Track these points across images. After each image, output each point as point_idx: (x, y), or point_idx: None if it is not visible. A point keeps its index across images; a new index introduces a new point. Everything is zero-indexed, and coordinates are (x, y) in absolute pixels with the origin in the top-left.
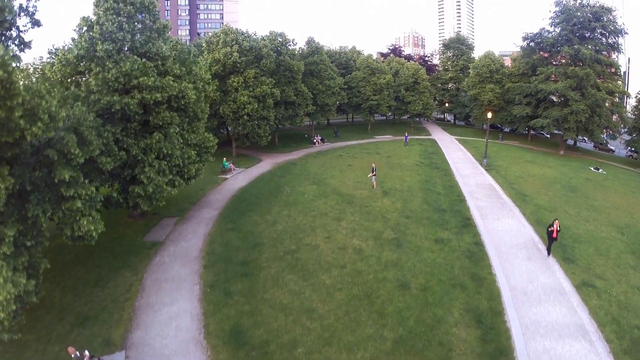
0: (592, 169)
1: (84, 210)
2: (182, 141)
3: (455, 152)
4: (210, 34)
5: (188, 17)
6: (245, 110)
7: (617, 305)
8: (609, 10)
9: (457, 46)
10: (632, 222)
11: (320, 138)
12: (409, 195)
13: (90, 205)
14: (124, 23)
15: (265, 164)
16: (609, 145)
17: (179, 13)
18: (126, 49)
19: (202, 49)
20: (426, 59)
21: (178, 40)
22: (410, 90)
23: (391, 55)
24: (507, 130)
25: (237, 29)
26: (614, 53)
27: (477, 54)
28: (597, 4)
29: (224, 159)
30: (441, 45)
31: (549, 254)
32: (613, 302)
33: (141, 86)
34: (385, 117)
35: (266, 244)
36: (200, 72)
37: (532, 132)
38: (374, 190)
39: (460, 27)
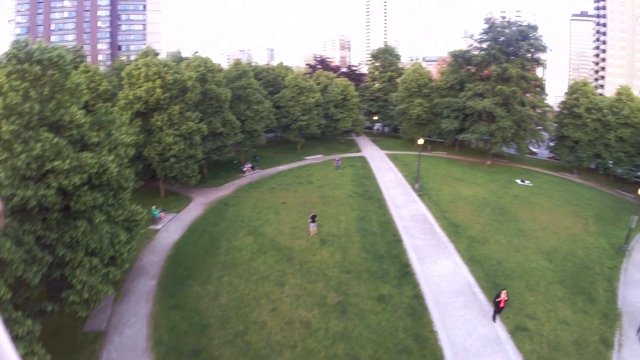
0: (519, 181)
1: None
2: (109, 222)
3: (386, 173)
4: (130, 66)
5: (109, 29)
6: (172, 151)
7: (548, 346)
8: (534, 28)
9: (385, 57)
10: (558, 244)
11: (250, 166)
12: (346, 241)
13: (30, 343)
14: (30, 90)
15: (196, 205)
16: (532, 149)
17: (99, 25)
18: (35, 120)
19: (122, 82)
20: (354, 68)
21: (96, 70)
22: (340, 107)
23: (319, 67)
24: (435, 139)
25: (159, 60)
26: (538, 67)
27: (404, 57)
28: (524, 23)
29: (153, 207)
30: (369, 55)
31: (494, 320)
32: (544, 344)
33: (56, 170)
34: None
35: (213, 324)
36: (120, 136)
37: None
38: (312, 237)
39: (387, 31)
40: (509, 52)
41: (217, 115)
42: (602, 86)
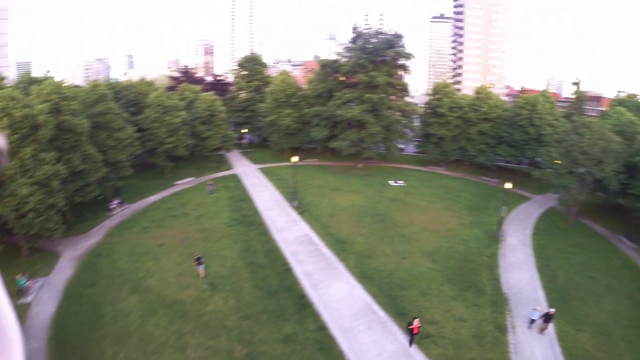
0: (392, 182)
1: None
2: None
3: (262, 192)
4: None
5: None
6: (28, 204)
7: (452, 346)
8: (399, 37)
9: (251, 65)
10: (439, 243)
11: (117, 202)
12: (236, 281)
13: None
14: None
15: (67, 262)
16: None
17: None
18: None
19: None
20: (219, 78)
21: None
22: (207, 123)
23: (183, 80)
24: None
25: (5, 93)
26: (403, 73)
27: (269, 60)
28: (391, 32)
29: (18, 276)
30: (235, 63)
31: (410, 345)
32: (449, 345)
33: None
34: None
35: None
36: None
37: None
38: (202, 284)
39: (252, 34)
40: (376, 61)
41: (75, 151)
42: (459, 82)
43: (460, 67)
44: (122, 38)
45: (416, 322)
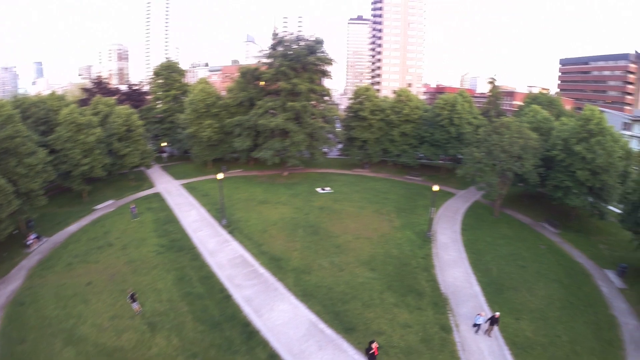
0: (320, 190)
1: None
2: None
3: (189, 211)
4: None
5: None
6: None
7: (403, 353)
8: (320, 43)
9: (168, 74)
10: (374, 250)
11: (34, 237)
12: (176, 316)
13: None
14: None
15: None
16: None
17: None
18: None
19: None
20: (135, 87)
21: None
22: (124, 139)
23: (97, 92)
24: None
25: None
26: (325, 78)
27: (186, 64)
28: (311, 37)
29: None
30: (150, 71)
31: None
32: (400, 354)
33: None
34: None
35: None
36: None
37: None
38: (139, 322)
39: (167, 37)
40: (298, 68)
41: None
42: (379, 82)
43: (379, 67)
44: (31, 43)
45: (374, 345)
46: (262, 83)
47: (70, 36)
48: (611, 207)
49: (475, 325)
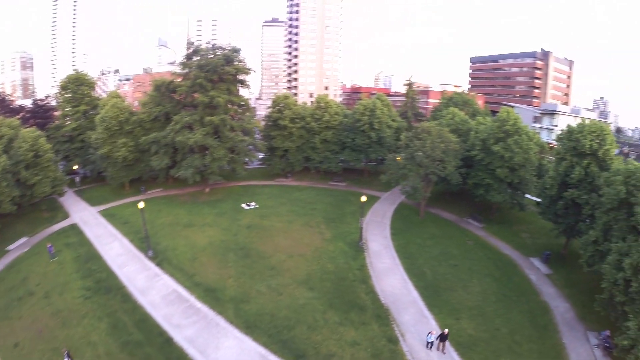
0: (245, 206)
1: None
2: None
3: (111, 244)
4: None
5: None
6: None
7: None
8: (237, 51)
9: (76, 87)
10: (309, 268)
11: None
12: None
13: None
14: None
15: None
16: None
17: None
18: None
19: None
20: (40, 103)
21: None
22: (33, 167)
23: None
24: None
25: None
26: (243, 88)
27: (94, 72)
28: (228, 46)
29: None
30: (57, 83)
31: None
32: None
33: None
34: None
35: None
36: None
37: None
38: None
39: (75, 44)
40: (215, 79)
41: None
42: (296, 87)
43: (295, 72)
44: None
45: None
46: (178, 97)
47: None
48: (528, 196)
49: (428, 343)
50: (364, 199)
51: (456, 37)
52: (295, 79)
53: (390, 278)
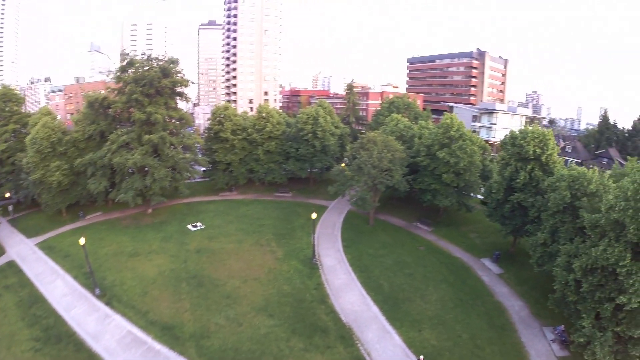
0: (191, 227)
1: None
2: None
3: (54, 282)
4: None
5: None
6: None
7: None
8: (175, 62)
9: (4, 104)
10: (266, 292)
11: None
12: None
13: None
14: None
15: None
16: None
17: None
18: None
19: None
20: None
21: None
22: None
23: None
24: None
25: None
26: (182, 101)
27: (22, 81)
28: (165, 57)
29: None
30: None
31: None
32: None
33: None
34: None
35: None
36: None
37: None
38: None
39: (2, 50)
40: (152, 93)
41: None
42: (235, 93)
43: (234, 77)
44: None
45: None
46: (113, 112)
47: None
48: (472, 194)
49: None
50: (314, 216)
51: (394, 36)
52: (234, 85)
53: (349, 294)
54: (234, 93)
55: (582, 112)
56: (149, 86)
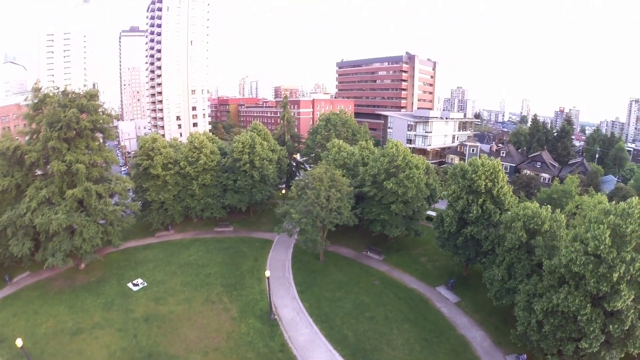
0: (132, 286)
1: None
2: None
3: None
4: None
5: None
6: None
7: None
8: (95, 96)
9: None
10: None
11: None
12: None
13: None
14: None
15: None
16: None
17: None
18: None
19: None
20: None
21: None
22: None
23: None
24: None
25: None
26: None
27: None
28: (84, 92)
29: None
30: None
31: None
32: None
33: None
34: None
35: None
36: None
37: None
38: None
39: None
40: (71, 137)
41: None
42: (161, 109)
43: (160, 93)
44: None
45: None
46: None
47: None
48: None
49: None
50: (267, 273)
51: (323, 39)
52: (160, 101)
53: (316, 353)
54: (160, 110)
55: (505, 104)
56: (67, 129)
